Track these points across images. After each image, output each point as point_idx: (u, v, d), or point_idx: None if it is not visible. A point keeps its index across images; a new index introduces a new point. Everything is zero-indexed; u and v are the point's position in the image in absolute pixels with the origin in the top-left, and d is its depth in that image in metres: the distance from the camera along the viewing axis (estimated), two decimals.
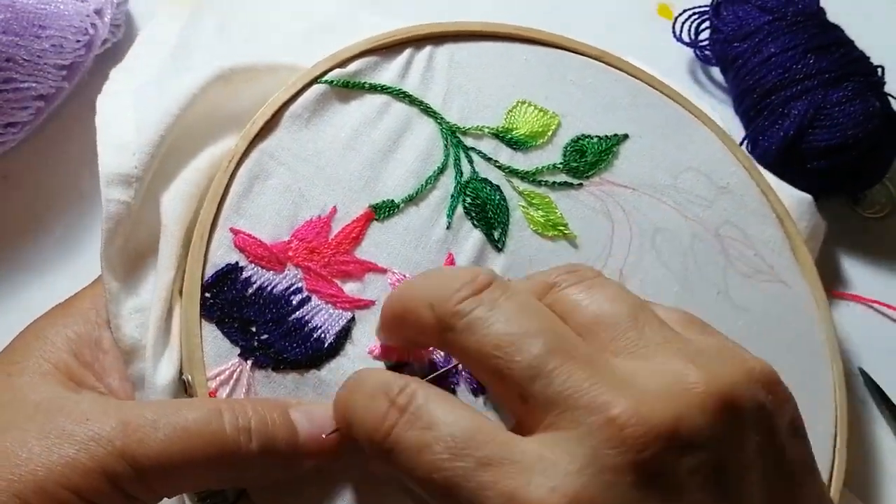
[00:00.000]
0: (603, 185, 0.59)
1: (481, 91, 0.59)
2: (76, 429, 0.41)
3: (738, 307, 0.60)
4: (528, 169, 0.58)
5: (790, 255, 0.62)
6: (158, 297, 0.50)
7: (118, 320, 0.50)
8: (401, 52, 0.58)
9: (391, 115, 0.56)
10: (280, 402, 0.47)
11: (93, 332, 0.50)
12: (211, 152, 0.54)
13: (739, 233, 0.61)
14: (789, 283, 0.61)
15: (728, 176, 0.63)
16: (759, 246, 0.62)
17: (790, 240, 0.63)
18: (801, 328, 0.61)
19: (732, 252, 0.61)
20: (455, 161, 0.56)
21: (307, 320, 0.51)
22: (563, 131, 0.60)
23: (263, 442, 0.44)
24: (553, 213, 0.57)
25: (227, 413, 0.44)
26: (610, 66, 0.63)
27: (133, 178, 0.50)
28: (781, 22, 0.71)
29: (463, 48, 0.60)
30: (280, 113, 0.54)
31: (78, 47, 0.60)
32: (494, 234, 0.56)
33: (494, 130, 0.58)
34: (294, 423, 0.46)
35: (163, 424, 0.42)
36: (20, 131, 0.60)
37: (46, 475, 0.40)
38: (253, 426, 0.44)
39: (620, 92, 0.62)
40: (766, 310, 0.60)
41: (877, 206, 0.76)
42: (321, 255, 0.52)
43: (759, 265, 0.61)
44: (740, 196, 0.62)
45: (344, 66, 0.56)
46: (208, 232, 0.51)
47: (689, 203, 0.61)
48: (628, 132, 0.61)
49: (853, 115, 0.67)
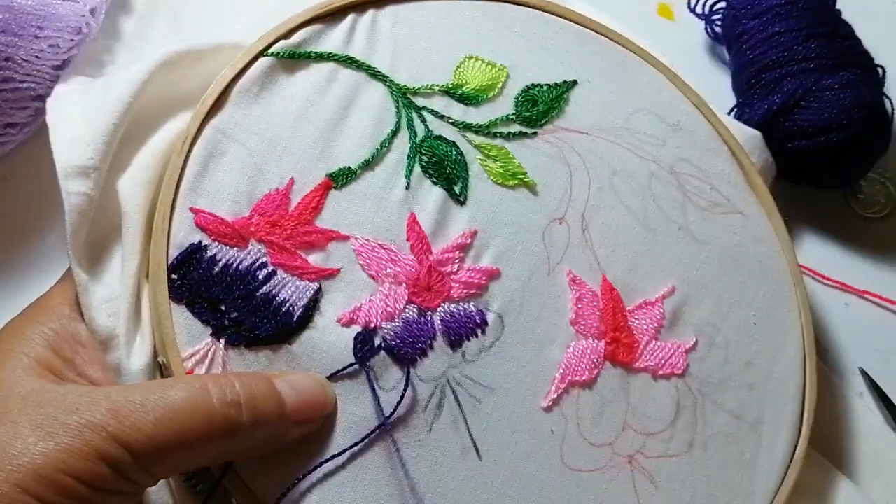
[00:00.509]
0: (557, 131, 0.59)
1: (428, 50, 0.59)
2: (68, 418, 0.41)
3: (700, 241, 0.60)
4: (482, 122, 0.58)
5: (746, 187, 0.63)
6: (126, 286, 0.50)
7: (91, 311, 0.50)
8: (343, 17, 0.58)
9: (339, 82, 0.56)
10: (263, 374, 0.48)
11: (68, 326, 0.49)
12: (165, 136, 0.54)
13: (694, 168, 0.62)
14: (747, 214, 0.62)
15: (678, 114, 0.63)
16: (715, 180, 0.62)
17: (744, 172, 0.63)
18: (762, 256, 0.62)
19: (689, 188, 0.61)
20: (408, 122, 0.56)
21: (275, 294, 0.51)
22: (512, 83, 0.60)
23: (252, 413, 0.45)
24: (511, 163, 0.58)
25: (214, 388, 0.44)
26: (554, 14, 0.63)
27: (90, 168, 0.50)
28: (793, 6, 0.71)
29: (405, 8, 0.59)
30: (229, 90, 0.54)
31: (72, 46, 0.60)
32: (455, 189, 0.56)
33: (444, 88, 0.58)
34: (279, 392, 0.47)
35: (152, 407, 0.42)
36: (19, 132, 0.60)
37: (44, 462, 0.40)
38: (241, 399, 0.45)
39: (566, 40, 0.62)
40: (727, 241, 0.61)
41: (876, 205, 0.76)
42: (283, 228, 0.52)
43: (716, 198, 0.62)
44: (692, 133, 0.63)
45: (288, 37, 0.56)
46: (169, 214, 0.51)
47: (643, 143, 0.61)
48: (577, 78, 0.61)
49: (841, 101, 0.67)
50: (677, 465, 0.56)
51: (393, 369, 0.52)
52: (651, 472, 0.55)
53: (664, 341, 0.58)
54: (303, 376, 0.49)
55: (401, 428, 0.51)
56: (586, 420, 0.55)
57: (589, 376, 0.55)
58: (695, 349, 0.58)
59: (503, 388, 0.54)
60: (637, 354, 0.57)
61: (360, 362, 0.51)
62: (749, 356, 0.59)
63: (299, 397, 0.47)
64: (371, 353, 0.51)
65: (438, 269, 0.54)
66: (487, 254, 0.56)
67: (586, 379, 0.55)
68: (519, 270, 0.56)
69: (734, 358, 0.59)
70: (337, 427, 0.50)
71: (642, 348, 0.57)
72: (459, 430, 0.52)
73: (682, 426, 0.57)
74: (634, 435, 0.56)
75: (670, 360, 0.57)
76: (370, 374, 0.51)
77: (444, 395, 0.52)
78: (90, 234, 0.51)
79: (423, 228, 0.54)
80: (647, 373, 0.57)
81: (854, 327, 0.71)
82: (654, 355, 0.57)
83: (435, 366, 0.52)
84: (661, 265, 0.59)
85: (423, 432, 0.51)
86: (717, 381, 0.58)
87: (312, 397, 0.48)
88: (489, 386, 0.53)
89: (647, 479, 0.55)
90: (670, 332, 0.58)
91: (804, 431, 0.59)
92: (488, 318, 0.54)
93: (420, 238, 0.54)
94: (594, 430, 0.55)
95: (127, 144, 0.53)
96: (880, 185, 0.76)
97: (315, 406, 0.49)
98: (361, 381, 0.51)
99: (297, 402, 0.47)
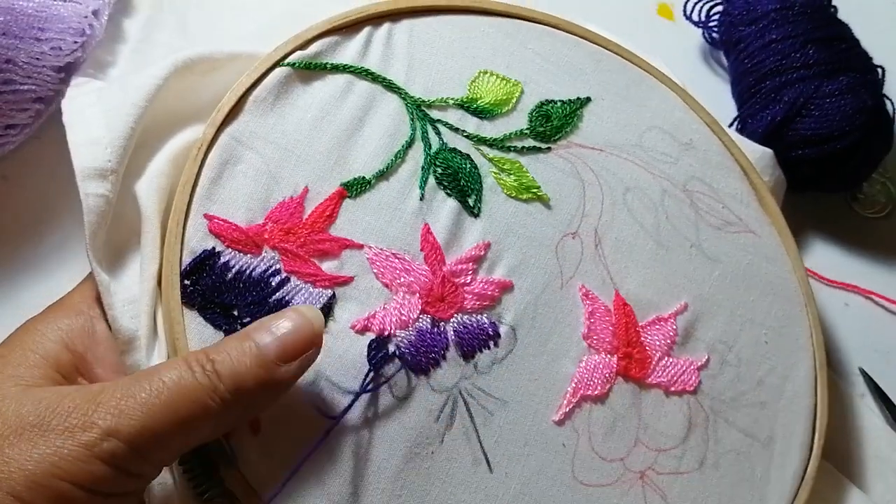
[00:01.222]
0: (570, 147, 0.60)
1: (443, 64, 0.59)
2: (59, 422, 0.41)
3: (712, 259, 0.60)
4: (496, 136, 0.58)
5: (757, 206, 0.63)
6: (146, 289, 0.50)
7: (113, 312, 0.49)
8: (360, 30, 0.58)
9: (355, 93, 0.56)
10: (240, 333, 0.46)
11: (86, 323, 0.49)
12: (180, 142, 0.54)
13: (707, 187, 0.62)
14: (758, 233, 0.62)
15: (691, 132, 0.63)
16: (727, 198, 0.62)
17: (756, 191, 0.64)
18: (774, 275, 0.62)
19: (701, 206, 0.61)
20: (423, 134, 0.57)
21: (288, 301, 0.51)
22: (526, 98, 0.60)
23: (234, 378, 0.44)
24: (525, 177, 0.58)
25: (195, 364, 0.43)
26: (568, 32, 0.63)
27: (108, 171, 0.50)
28: (788, 11, 0.71)
29: (421, 23, 0.60)
30: (245, 98, 0.54)
31: (75, 48, 0.60)
32: (469, 201, 0.56)
33: (459, 101, 0.58)
34: (256, 346, 0.45)
35: (140, 396, 0.42)
36: (19, 133, 0.60)
37: (36, 468, 0.39)
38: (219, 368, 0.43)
39: (580, 57, 0.63)
40: (738, 260, 0.61)
41: (877, 205, 0.77)
42: (297, 236, 0.52)
43: (728, 217, 0.62)
44: (704, 151, 0.63)
45: (304, 47, 0.56)
46: (183, 220, 0.51)
47: (656, 161, 0.61)
48: (591, 95, 0.62)
49: (843, 108, 0.68)
50: (689, 482, 0.55)
51: (405, 378, 0.51)
52: (662, 488, 0.55)
53: (676, 357, 0.58)
54: (284, 316, 0.46)
55: (413, 438, 0.51)
56: (598, 435, 0.54)
57: (601, 391, 0.55)
58: (707, 366, 0.58)
59: (515, 400, 0.53)
60: (649, 370, 0.57)
61: (374, 368, 0.51)
62: (761, 374, 0.59)
63: (282, 341, 0.45)
64: (385, 360, 0.51)
65: (452, 280, 0.54)
66: (500, 266, 0.55)
67: (598, 393, 0.55)
68: (532, 283, 0.56)
69: (746, 376, 0.59)
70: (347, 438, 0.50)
71: (655, 364, 0.57)
72: (471, 442, 0.52)
73: (693, 443, 0.56)
74: (646, 451, 0.55)
75: (682, 376, 0.57)
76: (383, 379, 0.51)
77: (455, 406, 0.52)
78: (109, 236, 0.51)
79: (436, 239, 0.54)
80: (660, 389, 0.57)
81: (854, 327, 0.71)
82: (666, 371, 0.57)
83: (447, 376, 0.52)
84: (674, 282, 0.59)
85: (436, 443, 0.51)
86: (729, 398, 0.58)
87: (296, 334, 0.46)
88: (501, 398, 0.53)
89: (659, 496, 0.55)
90: (683, 349, 0.58)
91: (815, 450, 0.58)
92: (501, 330, 0.54)
93: (434, 248, 0.54)
94: (606, 444, 0.54)
95: (142, 149, 0.53)
96: (881, 186, 0.77)
97: (301, 342, 0.46)
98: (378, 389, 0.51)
99: (279, 346, 0.45)
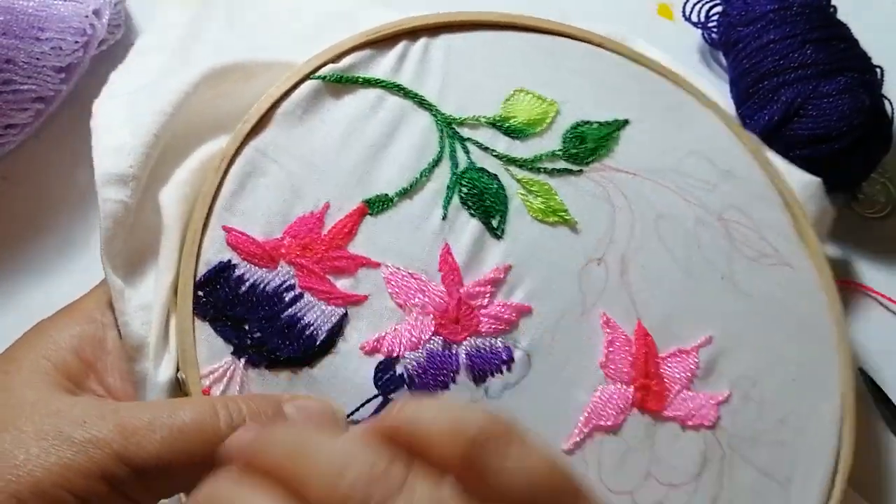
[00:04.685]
0: (604, 170, 0.59)
1: (478, 81, 0.58)
2: (74, 432, 0.42)
3: (743, 292, 0.59)
4: (527, 157, 0.58)
5: (796, 239, 0.61)
6: (160, 297, 0.51)
7: (125, 317, 0.50)
8: (395, 44, 0.58)
9: (385, 108, 0.56)
10: (273, 398, 0.48)
11: (97, 331, 0.50)
12: (207, 152, 0.54)
13: (744, 216, 0.61)
14: (795, 267, 0.61)
15: (732, 160, 0.62)
16: (765, 230, 0.61)
17: (796, 223, 0.62)
18: (807, 312, 0.60)
19: (737, 236, 0.60)
20: (451, 152, 0.56)
21: (300, 317, 0.51)
22: (561, 118, 0.59)
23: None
24: (553, 199, 0.57)
25: (222, 411, 0.44)
26: (612, 51, 0.62)
27: (129, 177, 0.51)
28: (786, 11, 0.70)
29: (459, 38, 0.59)
30: (272, 110, 0.54)
31: (76, 48, 0.60)
32: (493, 222, 0.56)
33: (491, 120, 0.58)
34: (288, 418, 0.47)
35: (159, 426, 0.43)
36: (20, 133, 0.61)
37: (44, 476, 0.40)
38: (248, 423, 0.45)
39: (621, 77, 0.62)
40: (771, 294, 0.59)
41: (877, 205, 0.74)
42: (314, 252, 0.52)
43: (765, 249, 0.60)
44: (744, 179, 0.62)
45: (337, 61, 0.56)
46: (201, 230, 0.52)
47: (692, 187, 0.60)
48: (629, 117, 0.60)
49: (841, 108, 0.66)
50: None
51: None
52: None
53: (696, 392, 0.56)
54: (315, 402, 0.48)
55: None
56: (608, 466, 0.54)
57: (615, 422, 0.54)
58: (728, 401, 0.57)
59: (525, 427, 0.53)
60: (667, 403, 0.56)
61: (384, 393, 0.51)
62: (783, 414, 0.57)
63: (308, 424, 0.47)
64: (392, 383, 0.51)
65: (468, 302, 0.54)
66: (520, 290, 0.55)
67: (612, 424, 0.54)
68: (551, 309, 0.55)
69: (768, 414, 0.57)
70: None
71: (673, 397, 0.56)
72: None
73: (707, 480, 0.55)
74: (657, 485, 0.54)
75: (701, 410, 0.56)
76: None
77: None
78: (128, 242, 0.52)
79: (456, 260, 0.54)
80: (676, 422, 0.56)
81: (854, 327, 0.69)
82: (684, 405, 0.56)
83: (456, 400, 0.52)
84: (701, 314, 0.58)
85: None
86: (749, 436, 0.56)
87: (322, 424, 0.48)
88: None
89: None
90: (704, 383, 0.57)
91: (836, 496, 0.57)
92: (515, 355, 0.54)
93: (452, 270, 0.54)
94: (615, 476, 0.54)
95: (168, 156, 0.53)
96: (880, 185, 0.75)
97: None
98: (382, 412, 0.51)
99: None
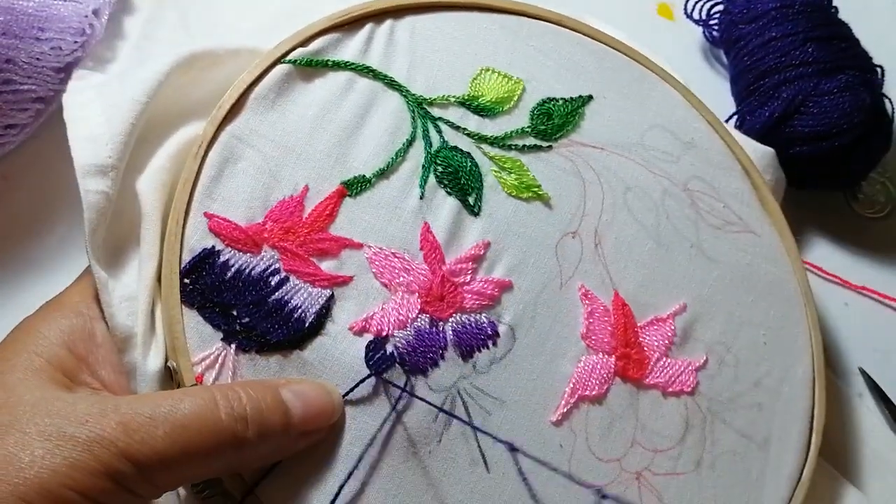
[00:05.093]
0: (572, 146, 0.59)
1: (445, 61, 0.59)
2: (77, 431, 0.41)
3: (712, 259, 0.60)
4: (497, 134, 0.58)
5: (758, 206, 0.63)
6: (144, 287, 0.50)
7: (111, 309, 0.49)
8: (361, 27, 0.58)
9: (356, 90, 0.56)
10: (270, 384, 0.47)
11: (86, 325, 0.49)
12: (181, 139, 0.54)
13: (707, 186, 0.62)
14: (759, 233, 0.62)
15: (692, 131, 0.63)
16: (728, 198, 0.62)
17: (757, 191, 0.63)
18: (774, 276, 0.62)
19: (702, 205, 0.61)
20: (423, 132, 0.56)
21: (287, 301, 0.51)
22: (528, 96, 0.60)
23: (259, 428, 0.45)
24: (525, 176, 0.58)
25: (222, 401, 0.44)
26: (571, 29, 0.63)
27: (108, 167, 0.50)
28: (788, 9, 0.71)
29: (423, 20, 0.60)
30: (245, 95, 0.54)
31: (75, 48, 0.60)
32: (469, 200, 0.56)
33: (460, 99, 0.58)
34: (286, 404, 0.46)
35: (161, 421, 0.42)
36: (20, 133, 0.60)
37: (50, 477, 0.39)
38: (248, 413, 0.44)
39: (583, 55, 0.62)
40: (738, 260, 0.61)
41: (876, 205, 0.76)
42: (296, 235, 0.52)
43: (729, 217, 0.62)
44: (706, 150, 0.63)
45: (306, 44, 0.56)
46: (183, 218, 0.51)
47: (657, 159, 0.61)
48: (592, 93, 0.61)
49: (841, 105, 0.68)
50: (685, 482, 0.56)
51: (402, 378, 0.51)
52: (658, 489, 0.55)
53: (675, 358, 0.58)
54: (310, 385, 0.49)
55: (412, 438, 0.51)
56: (595, 435, 0.54)
57: (599, 391, 0.55)
58: (705, 367, 0.58)
59: (513, 400, 0.53)
60: (647, 371, 0.57)
61: (377, 373, 0.51)
62: (758, 376, 0.59)
63: (306, 408, 0.47)
64: (383, 362, 0.51)
65: (451, 280, 0.54)
66: (500, 265, 0.55)
67: (596, 394, 0.55)
68: (531, 283, 0.56)
69: (744, 377, 0.59)
70: (345, 437, 0.50)
71: (653, 365, 0.57)
72: (469, 442, 0.52)
73: (690, 444, 0.56)
74: (643, 451, 0.55)
75: (680, 377, 0.57)
76: (384, 383, 0.51)
77: (454, 405, 0.52)
78: (108, 233, 0.51)
79: (436, 238, 0.54)
80: (657, 389, 0.57)
81: (854, 327, 0.71)
82: (664, 372, 0.57)
83: (446, 376, 0.52)
84: (673, 282, 0.59)
85: (434, 442, 0.51)
86: (727, 399, 0.58)
87: (319, 408, 0.48)
88: (499, 398, 0.53)
89: (655, 496, 0.55)
90: (681, 350, 0.58)
91: (812, 453, 0.59)
92: (500, 329, 0.54)
93: (433, 248, 0.54)
94: (603, 445, 0.55)
95: (143, 145, 0.53)
96: (880, 185, 0.77)
97: (321, 416, 0.48)
98: (376, 391, 0.51)
99: (303, 413, 0.47)
